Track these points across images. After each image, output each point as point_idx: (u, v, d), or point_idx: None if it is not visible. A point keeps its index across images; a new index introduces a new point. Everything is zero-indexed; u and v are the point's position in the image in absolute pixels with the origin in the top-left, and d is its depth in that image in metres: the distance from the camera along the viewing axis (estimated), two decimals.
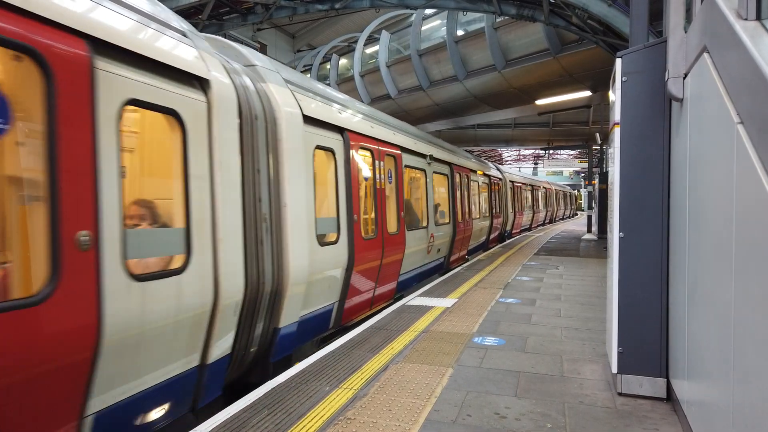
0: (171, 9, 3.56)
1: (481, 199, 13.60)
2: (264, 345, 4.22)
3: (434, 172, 9.32)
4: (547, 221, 30.69)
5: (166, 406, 3.14)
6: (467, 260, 11.75)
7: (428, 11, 16.37)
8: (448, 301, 6.56)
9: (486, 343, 4.70)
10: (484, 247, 14.50)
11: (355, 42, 20.69)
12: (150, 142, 3.62)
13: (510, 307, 6.26)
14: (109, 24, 2.68)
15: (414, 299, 6.72)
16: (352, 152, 5.72)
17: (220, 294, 3.39)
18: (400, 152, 7.30)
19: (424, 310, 6.07)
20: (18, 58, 2.30)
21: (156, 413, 3.07)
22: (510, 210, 18.47)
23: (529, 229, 23.97)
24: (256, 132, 3.97)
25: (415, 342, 4.73)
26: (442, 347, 4.57)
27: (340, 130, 5.54)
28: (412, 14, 17.57)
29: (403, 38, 18.54)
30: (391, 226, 6.94)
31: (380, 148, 6.63)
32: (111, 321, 2.57)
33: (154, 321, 2.88)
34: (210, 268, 3.33)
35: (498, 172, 16.80)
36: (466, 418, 3.11)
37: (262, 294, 3.95)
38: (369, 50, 20.12)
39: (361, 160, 6.12)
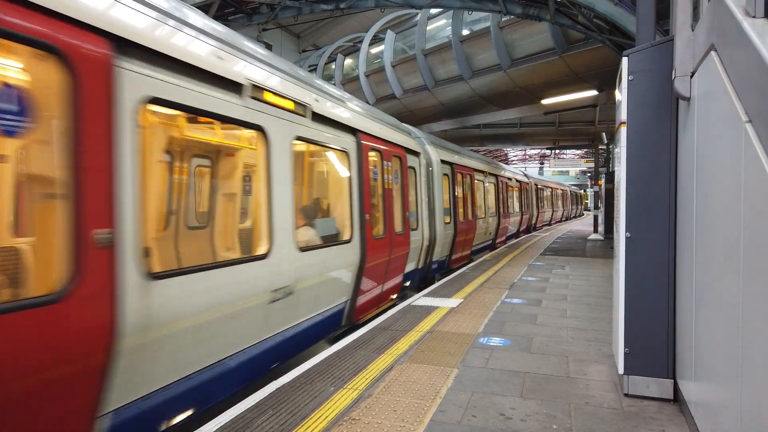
0: None
1: (342, 197, 5.71)
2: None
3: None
4: (522, 228, 20.35)
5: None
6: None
7: (433, 11, 16.36)
8: (453, 302, 6.55)
9: (491, 344, 4.69)
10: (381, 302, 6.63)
11: (360, 42, 20.72)
12: None
13: (515, 308, 6.24)
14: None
15: (419, 299, 6.71)
16: None
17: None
18: None
19: (429, 310, 6.06)
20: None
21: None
22: (443, 220, 9.53)
23: (492, 246, 14.80)
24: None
25: (420, 342, 4.72)
26: (447, 348, 4.56)
27: None
28: (417, 14, 17.57)
29: (408, 38, 18.53)
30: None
31: None
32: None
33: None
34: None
35: (411, 140, 8.18)
36: (472, 419, 3.10)
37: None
38: (374, 50, 20.14)
39: None
